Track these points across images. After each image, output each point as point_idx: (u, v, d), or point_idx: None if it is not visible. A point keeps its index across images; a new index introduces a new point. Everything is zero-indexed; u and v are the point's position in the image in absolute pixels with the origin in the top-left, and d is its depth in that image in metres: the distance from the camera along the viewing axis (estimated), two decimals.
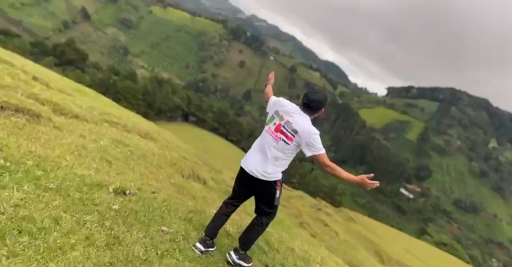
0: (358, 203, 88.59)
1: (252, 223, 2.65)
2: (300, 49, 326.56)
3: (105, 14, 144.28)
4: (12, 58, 7.66)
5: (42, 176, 2.36)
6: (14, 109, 3.71)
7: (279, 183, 2.49)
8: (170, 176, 5.03)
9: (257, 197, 2.59)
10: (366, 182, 2.26)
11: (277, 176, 2.45)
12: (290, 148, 2.37)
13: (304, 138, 2.29)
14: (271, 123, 2.48)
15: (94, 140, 4.50)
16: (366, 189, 2.30)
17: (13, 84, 4.66)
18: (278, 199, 2.56)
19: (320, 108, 2.42)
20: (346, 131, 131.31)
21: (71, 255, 1.79)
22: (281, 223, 6.99)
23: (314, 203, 27.34)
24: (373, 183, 2.26)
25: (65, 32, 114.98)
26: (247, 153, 2.61)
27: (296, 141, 2.32)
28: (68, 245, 1.85)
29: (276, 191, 2.49)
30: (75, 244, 1.88)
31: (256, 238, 2.71)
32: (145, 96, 44.27)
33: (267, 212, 2.61)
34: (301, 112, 2.39)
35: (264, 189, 2.47)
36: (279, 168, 2.45)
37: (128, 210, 2.56)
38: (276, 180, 2.45)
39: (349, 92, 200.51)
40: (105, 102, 9.70)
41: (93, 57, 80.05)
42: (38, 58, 48.39)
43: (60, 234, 1.89)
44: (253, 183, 2.47)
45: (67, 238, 1.89)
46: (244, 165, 2.52)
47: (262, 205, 2.57)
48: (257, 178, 2.42)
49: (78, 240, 1.92)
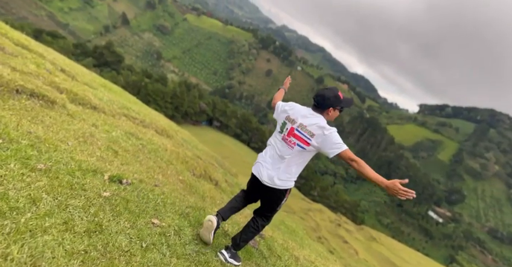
0: (382, 223, 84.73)
1: (248, 225, 2.53)
2: (328, 61, 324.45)
3: (143, 20, 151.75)
4: (45, 52, 8.00)
5: (34, 157, 2.25)
6: (29, 94, 3.73)
7: (289, 191, 2.39)
8: (180, 173, 4.88)
9: (262, 202, 2.52)
10: (398, 187, 1.90)
11: (288, 184, 2.32)
12: (307, 153, 2.24)
13: (322, 139, 2.14)
14: (284, 129, 2.32)
15: (106, 130, 4.46)
16: (397, 197, 1.93)
17: (36, 72, 4.76)
18: (281, 206, 2.49)
19: (327, 105, 2.25)
20: (373, 146, 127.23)
21: (41, 239, 1.62)
22: (293, 233, 6.63)
23: (334, 218, 26.33)
24: (407, 191, 1.87)
25: (105, 36, 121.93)
26: (257, 160, 2.47)
27: (313, 144, 2.17)
28: (41, 228, 1.69)
29: (284, 199, 2.40)
30: (50, 228, 1.72)
31: (250, 240, 2.54)
32: (174, 99, 45.50)
33: (266, 215, 2.50)
34: (313, 112, 2.28)
35: (273, 196, 2.38)
36: (293, 176, 2.32)
37: (120, 199, 2.39)
38: (287, 188, 2.34)
39: (378, 107, 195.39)
40: (129, 99, 9.88)
41: (129, 60, 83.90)
42: (79, 59, 51.51)
43: (35, 215, 1.74)
44: (264, 191, 2.38)
45: (42, 221, 1.73)
46: (255, 172, 2.41)
47: (265, 208, 2.50)
48: (268, 186, 2.32)
49: (54, 224, 1.76)
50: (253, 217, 2.54)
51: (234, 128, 57.07)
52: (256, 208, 2.59)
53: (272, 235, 3.81)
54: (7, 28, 7.29)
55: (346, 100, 2.35)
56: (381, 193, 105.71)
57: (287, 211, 19.18)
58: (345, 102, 2.34)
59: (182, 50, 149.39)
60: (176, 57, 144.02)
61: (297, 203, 25.09)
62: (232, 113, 61.46)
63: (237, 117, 61.03)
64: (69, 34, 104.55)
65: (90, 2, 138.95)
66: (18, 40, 6.53)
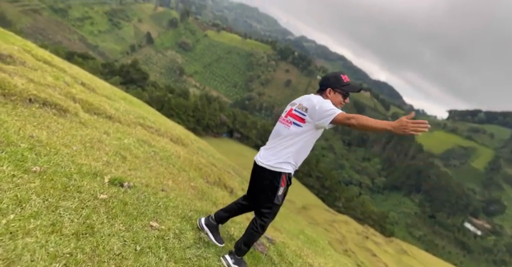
0: (414, 236, 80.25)
1: (248, 226, 2.36)
2: (349, 69, 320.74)
3: (166, 38, 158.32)
4: (68, 67, 8.37)
5: (30, 159, 2.22)
6: (42, 102, 3.81)
7: (284, 178, 2.19)
8: (192, 180, 4.78)
9: (258, 191, 2.30)
10: (405, 121, 1.70)
11: (283, 167, 2.16)
12: (303, 131, 2.14)
13: (314, 111, 2.06)
14: (284, 112, 2.33)
15: (118, 138, 4.47)
16: (409, 133, 1.69)
17: (53, 83, 4.91)
18: (279, 198, 2.22)
19: (326, 86, 2.21)
20: (400, 155, 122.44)
21: (21, 241, 1.54)
22: (314, 243, 6.29)
23: (361, 230, 25.19)
24: (417, 122, 1.66)
25: (131, 55, 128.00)
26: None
27: (307, 120, 2.11)
28: (23, 230, 1.60)
29: (280, 187, 2.18)
30: (34, 230, 1.64)
31: (251, 242, 2.34)
32: (195, 112, 46.45)
33: (264, 213, 2.28)
34: (314, 95, 2.27)
35: (266, 180, 2.21)
36: (288, 158, 2.18)
37: (117, 201, 2.30)
38: (280, 172, 2.17)
39: (404, 114, 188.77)
40: (147, 110, 10.07)
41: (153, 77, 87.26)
42: (107, 78, 54.19)
43: (19, 217, 1.66)
44: (258, 175, 2.25)
45: (26, 223, 1.65)
46: (255, 157, 2.38)
47: (261, 201, 2.27)
48: (262, 167, 2.21)
49: (39, 226, 1.68)
50: (253, 218, 2.38)
51: (255, 139, 57.10)
52: (254, 205, 2.44)
53: (283, 241, 3.57)
54: (33, 46, 7.71)
55: (349, 84, 2.20)
56: (411, 204, 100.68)
57: (310, 222, 18.58)
58: (347, 86, 2.19)
59: (203, 65, 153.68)
60: (197, 72, 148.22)
61: (321, 214, 24.29)
62: (252, 124, 61.68)
63: (257, 128, 61.10)
64: (99, 55, 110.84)
65: (117, 24, 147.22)
66: (41, 56, 6.85)
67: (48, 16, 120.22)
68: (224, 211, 2.56)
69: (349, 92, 2.22)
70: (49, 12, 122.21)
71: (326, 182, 54.47)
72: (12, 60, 4.97)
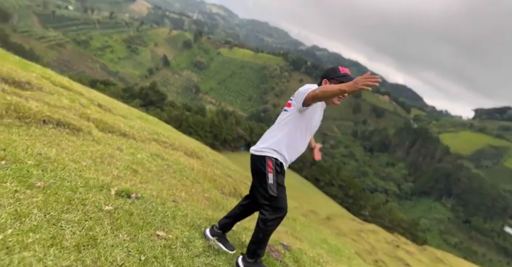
0: (449, 243, 75.71)
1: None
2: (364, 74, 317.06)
3: (181, 59, 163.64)
4: (86, 91, 8.72)
5: (35, 175, 2.23)
6: (55, 123, 3.93)
7: (270, 163, 2.15)
8: (206, 191, 4.74)
9: (253, 180, 2.31)
10: (358, 79, 1.79)
11: (266, 151, 2.18)
12: (288, 115, 2.20)
13: (297, 93, 2.13)
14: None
15: (131, 153, 4.52)
16: (363, 89, 1.76)
17: (68, 105, 5.09)
18: (272, 187, 2.12)
19: (323, 77, 2.23)
20: (426, 158, 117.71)
21: (18, 255, 1.51)
22: (338, 252, 6.00)
23: (391, 239, 24.02)
24: (367, 76, 1.76)
25: (150, 78, 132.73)
26: None
27: (293, 104, 2.17)
28: (21, 244, 1.58)
29: (267, 173, 2.13)
30: (32, 244, 1.61)
31: (258, 241, 2.20)
32: (212, 128, 47.07)
33: (262, 204, 2.17)
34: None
35: (254, 166, 2.22)
36: (271, 144, 2.19)
37: (123, 212, 2.27)
38: (264, 155, 2.17)
39: (426, 115, 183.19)
40: (163, 127, 10.25)
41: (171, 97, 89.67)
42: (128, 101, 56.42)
43: (17, 231, 1.64)
44: (250, 163, 2.27)
45: (25, 237, 1.63)
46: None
47: (256, 191, 2.24)
48: (251, 154, 2.26)
49: (38, 239, 1.66)
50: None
51: None
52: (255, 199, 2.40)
53: (300, 248, 3.40)
54: (52, 73, 8.11)
55: (346, 75, 2.14)
56: (443, 209, 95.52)
57: (336, 233, 17.95)
58: (343, 77, 2.12)
59: (218, 81, 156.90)
60: (212, 89, 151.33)
61: (346, 224, 23.42)
62: None
63: None
64: (119, 80, 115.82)
65: (135, 50, 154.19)
66: (59, 82, 7.17)
67: (71, 48, 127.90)
68: (226, 217, 2.49)
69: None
70: (72, 44, 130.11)
71: (350, 191, 52.92)
72: (30, 87, 5.22)
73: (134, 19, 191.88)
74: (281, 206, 2.12)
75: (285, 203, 2.15)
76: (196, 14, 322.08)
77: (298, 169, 56.08)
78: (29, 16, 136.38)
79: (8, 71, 5.16)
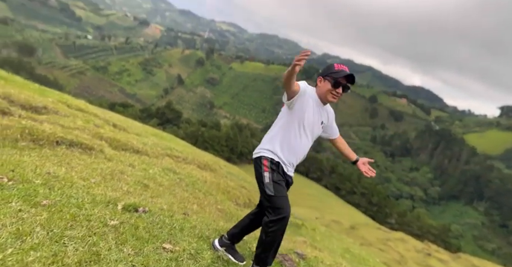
0: (485, 249, 71.12)
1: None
2: (379, 78, 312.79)
3: (195, 77, 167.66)
4: (102, 113, 9.00)
5: (42, 194, 2.25)
6: (68, 144, 4.04)
7: (265, 162, 2.14)
8: (219, 203, 4.70)
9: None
10: (295, 57, 1.80)
11: (261, 152, 2.20)
12: (281, 113, 2.28)
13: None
14: None
15: (143, 169, 4.56)
16: (296, 65, 1.79)
17: (82, 126, 5.24)
18: (268, 185, 2.07)
19: (318, 75, 2.25)
20: (451, 160, 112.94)
21: None
22: (363, 262, 5.73)
23: (421, 248, 22.86)
24: (302, 52, 1.78)
25: (165, 97, 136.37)
26: None
27: (283, 101, 2.22)
28: (21, 263, 1.56)
29: (263, 172, 2.10)
30: (32, 263, 1.59)
31: (263, 246, 2.11)
32: (228, 142, 47.38)
33: (265, 206, 2.12)
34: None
35: (255, 170, 2.22)
36: (265, 144, 2.23)
37: (129, 226, 2.25)
38: (260, 156, 2.18)
39: (448, 116, 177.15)
40: (177, 142, 10.37)
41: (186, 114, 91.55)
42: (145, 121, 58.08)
43: (17, 250, 1.63)
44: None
45: (25, 256, 1.61)
46: None
47: (261, 197, 2.22)
48: (253, 159, 2.30)
49: (39, 258, 1.64)
50: None
51: None
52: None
53: (316, 256, 3.26)
54: (68, 97, 8.45)
55: (339, 71, 2.09)
56: (475, 213, 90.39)
57: (361, 243, 17.28)
58: (336, 72, 2.08)
59: (231, 96, 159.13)
60: (226, 103, 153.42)
61: (372, 233, 22.53)
62: None
63: None
64: (137, 101, 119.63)
65: (151, 72, 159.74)
66: (76, 105, 7.43)
67: (91, 75, 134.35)
68: (235, 226, 2.43)
69: (342, 82, 2.11)
70: (92, 71, 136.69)
71: (373, 198, 51.20)
72: (46, 111, 5.43)
73: (149, 42, 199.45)
74: (279, 206, 2.02)
75: (284, 203, 2.04)
76: (207, 33, 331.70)
77: (317, 178, 55.05)
78: (52, 48, 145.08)
79: (25, 98, 5.41)
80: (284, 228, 2.06)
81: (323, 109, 2.27)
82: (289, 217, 2.06)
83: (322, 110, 2.26)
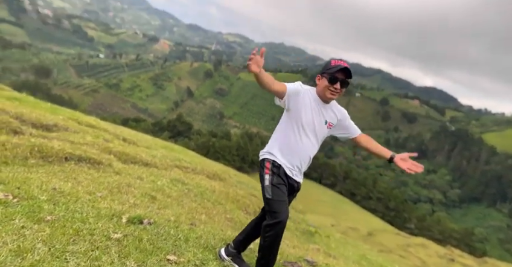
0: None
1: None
2: (389, 80, 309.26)
3: (204, 89, 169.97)
4: (112, 128, 9.17)
5: (46, 210, 2.26)
6: (77, 159, 4.11)
7: (267, 164, 2.12)
8: (228, 212, 4.65)
9: None
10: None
11: (265, 154, 2.20)
12: (282, 117, 2.30)
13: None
14: None
15: (152, 181, 4.57)
16: (249, 63, 1.84)
17: (92, 142, 5.33)
18: (267, 188, 2.04)
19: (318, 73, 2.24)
20: (470, 161, 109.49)
21: None
22: None
23: (444, 253, 21.97)
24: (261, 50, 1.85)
25: (176, 110, 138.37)
26: None
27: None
28: None
29: (264, 175, 2.08)
30: None
31: (262, 250, 2.09)
32: (239, 151, 47.47)
33: (265, 210, 2.11)
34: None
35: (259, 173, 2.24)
36: (269, 144, 2.25)
37: (132, 238, 2.24)
38: (263, 158, 2.19)
39: (463, 116, 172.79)
40: (186, 153, 10.43)
41: (197, 126, 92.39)
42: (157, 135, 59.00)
43: None
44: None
45: None
46: None
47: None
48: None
49: None
50: None
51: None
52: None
53: (327, 263, 3.16)
54: (79, 114, 8.67)
55: (334, 67, 2.07)
56: (499, 216, 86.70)
57: (380, 250, 16.78)
58: (331, 68, 2.07)
59: (240, 105, 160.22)
60: (235, 113, 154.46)
61: (391, 239, 21.84)
62: None
63: None
64: (149, 116, 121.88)
65: (161, 86, 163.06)
66: (86, 122, 7.61)
67: (104, 92, 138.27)
68: (240, 234, 2.39)
69: (338, 77, 2.07)
70: (105, 89, 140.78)
71: (390, 203, 49.90)
72: (57, 128, 5.57)
73: (158, 58, 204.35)
74: (276, 210, 1.97)
75: (281, 207, 1.98)
76: (214, 45, 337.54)
77: (331, 184, 54.17)
78: (66, 68, 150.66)
79: (37, 116, 5.57)
80: (279, 233, 2.00)
81: (327, 108, 2.21)
82: (285, 222, 2.00)
83: (325, 109, 2.19)
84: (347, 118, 2.33)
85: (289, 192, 2.18)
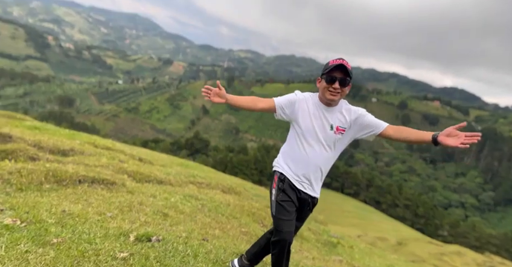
0: None
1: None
2: (406, 83, 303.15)
3: (218, 105, 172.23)
4: (129, 149, 9.38)
5: (53, 233, 2.26)
6: (90, 181, 4.19)
7: (276, 178, 2.10)
8: (243, 225, 4.56)
9: None
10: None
11: (275, 165, 2.20)
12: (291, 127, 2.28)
13: None
14: None
15: (165, 198, 4.57)
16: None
17: (106, 163, 5.45)
18: (272, 204, 2.01)
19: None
20: (502, 161, 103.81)
21: None
22: None
23: (482, 260, 20.58)
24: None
25: (193, 128, 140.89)
26: None
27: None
28: None
29: (272, 190, 2.06)
30: None
31: (272, 265, 2.05)
32: (257, 164, 47.28)
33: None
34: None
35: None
36: (279, 155, 2.24)
37: (139, 257, 2.20)
38: (274, 170, 2.18)
39: (489, 114, 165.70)
40: (201, 168, 10.46)
41: (214, 142, 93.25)
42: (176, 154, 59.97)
43: None
44: None
45: None
46: None
47: None
48: None
49: None
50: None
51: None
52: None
53: None
54: (97, 138, 8.94)
55: (330, 66, 2.02)
56: None
57: (412, 260, 15.91)
58: (328, 68, 2.03)
59: (255, 119, 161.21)
60: (251, 127, 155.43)
61: (424, 248, 20.68)
62: None
63: None
64: (167, 136, 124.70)
65: (178, 106, 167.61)
66: (103, 145, 7.82)
67: (124, 117, 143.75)
68: (253, 245, 2.32)
69: (335, 76, 2.02)
70: (124, 113, 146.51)
71: (419, 210, 47.65)
72: (73, 153, 5.75)
73: (174, 79, 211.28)
74: (278, 229, 1.89)
75: (284, 226, 1.89)
76: (226, 62, 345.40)
77: (354, 193, 52.58)
78: (88, 96, 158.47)
79: (54, 143, 5.78)
80: (282, 251, 1.91)
81: (332, 112, 2.08)
82: (287, 240, 1.90)
83: (329, 113, 2.08)
84: (365, 115, 2.12)
85: (302, 207, 2.06)
